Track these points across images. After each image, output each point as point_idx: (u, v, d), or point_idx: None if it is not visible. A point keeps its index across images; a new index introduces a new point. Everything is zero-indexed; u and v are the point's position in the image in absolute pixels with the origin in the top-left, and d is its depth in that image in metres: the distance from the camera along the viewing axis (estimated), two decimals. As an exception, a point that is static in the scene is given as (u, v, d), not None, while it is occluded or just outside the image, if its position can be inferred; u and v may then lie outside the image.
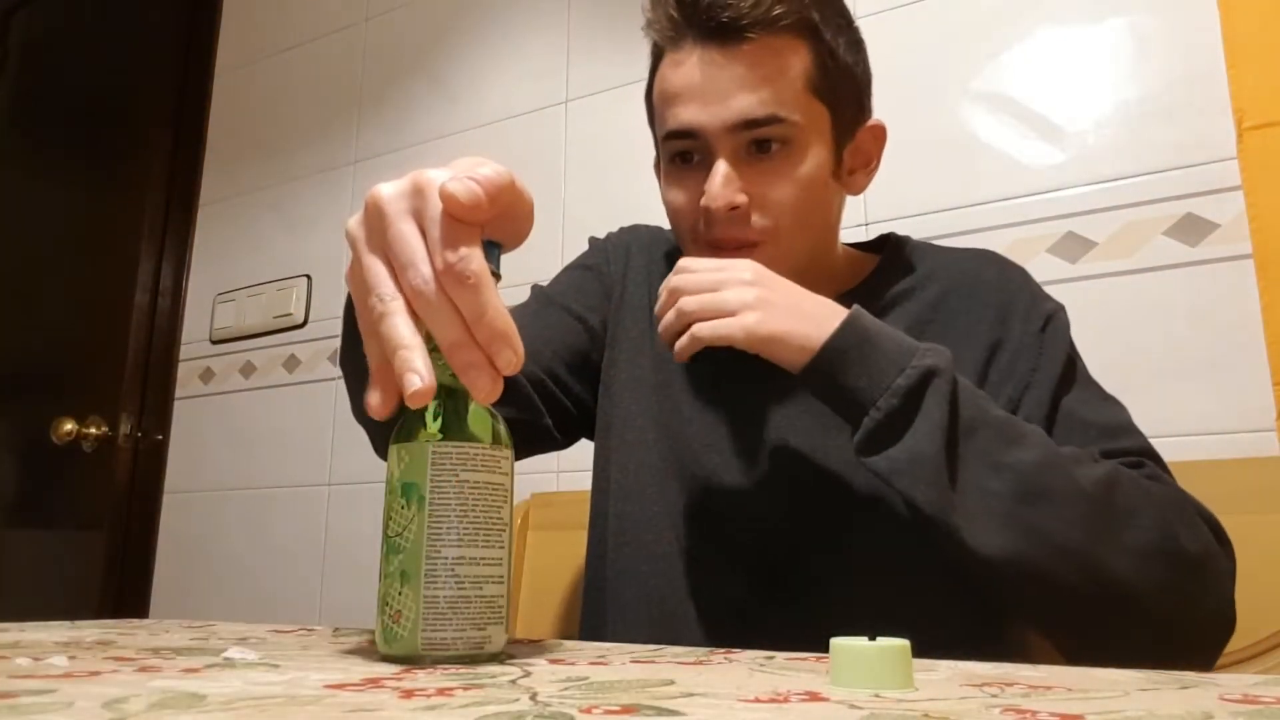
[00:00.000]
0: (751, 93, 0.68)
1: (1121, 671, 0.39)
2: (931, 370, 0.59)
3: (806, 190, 0.71)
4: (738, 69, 0.68)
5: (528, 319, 0.79)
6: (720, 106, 0.68)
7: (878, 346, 0.60)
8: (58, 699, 0.29)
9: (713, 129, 0.69)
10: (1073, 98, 1.16)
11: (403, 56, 1.81)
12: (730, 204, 0.69)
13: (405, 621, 0.41)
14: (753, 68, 0.68)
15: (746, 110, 0.68)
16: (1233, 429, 1.00)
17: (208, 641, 0.50)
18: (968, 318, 0.74)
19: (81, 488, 1.93)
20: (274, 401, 1.79)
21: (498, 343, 0.39)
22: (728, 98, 0.68)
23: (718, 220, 0.70)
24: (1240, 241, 1.02)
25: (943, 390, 0.59)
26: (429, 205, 0.40)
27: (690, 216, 0.72)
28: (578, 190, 1.54)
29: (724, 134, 0.69)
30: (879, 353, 0.60)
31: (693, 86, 0.69)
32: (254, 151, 1.97)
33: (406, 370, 0.38)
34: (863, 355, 0.60)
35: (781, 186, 0.70)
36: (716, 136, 0.69)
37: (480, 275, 0.39)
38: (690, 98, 0.69)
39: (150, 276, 1.97)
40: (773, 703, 0.30)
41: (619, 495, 0.77)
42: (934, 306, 0.75)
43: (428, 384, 0.38)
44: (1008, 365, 0.71)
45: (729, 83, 0.68)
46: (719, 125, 0.68)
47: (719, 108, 0.68)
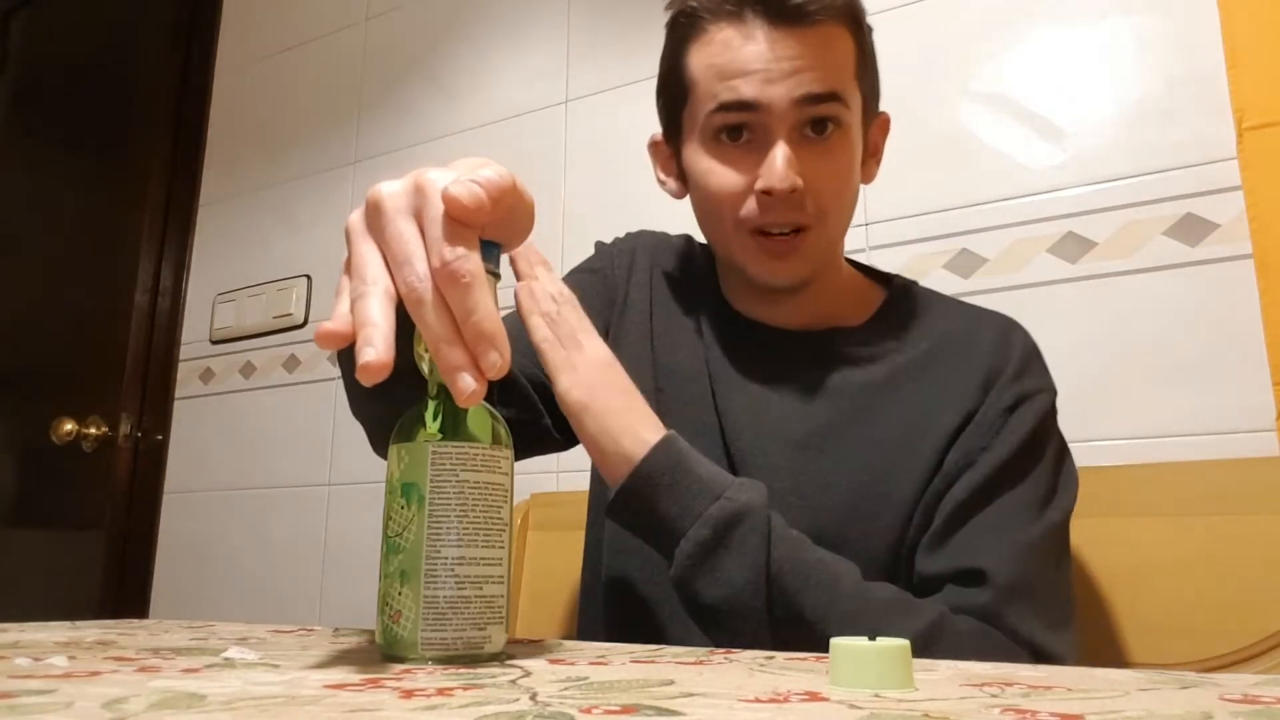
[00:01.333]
0: (814, 72, 0.69)
1: (1121, 671, 0.39)
2: (745, 507, 0.60)
3: (851, 175, 0.73)
4: (805, 48, 0.69)
5: None
6: (788, 81, 0.69)
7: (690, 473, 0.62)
8: (58, 699, 0.29)
9: (779, 105, 0.69)
10: (1073, 98, 1.16)
11: (403, 56, 1.81)
12: (793, 187, 0.68)
13: (405, 621, 0.41)
14: (817, 48, 0.69)
15: (811, 85, 0.69)
16: (1233, 429, 0.99)
17: (208, 641, 0.50)
18: (953, 379, 0.72)
19: (81, 488, 1.93)
20: (274, 401, 1.79)
21: (484, 344, 0.39)
22: (794, 74, 0.69)
23: (776, 204, 0.70)
24: (1240, 241, 1.02)
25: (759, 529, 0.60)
26: (429, 205, 0.40)
27: (739, 199, 0.71)
28: (578, 190, 1.54)
29: (788, 110, 0.69)
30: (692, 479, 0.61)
31: (755, 62, 0.69)
32: (254, 151, 1.97)
33: (365, 345, 0.38)
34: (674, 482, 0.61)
35: (833, 171, 0.71)
36: (780, 113, 0.69)
37: (475, 275, 0.39)
38: (752, 72, 0.69)
39: (150, 276, 1.97)
40: (773, 703, 0.30)
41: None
42: (921, 364, 0.74)
43: (382, 359, 0.38)
44: (967, 437, 0.69)
45: (796, 61, 0.69)
46: (785, 100, 0.69)
47: (784, 83, 0.69)
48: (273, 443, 1.78)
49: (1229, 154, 1.04)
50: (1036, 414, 0.70)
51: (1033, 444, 0.69)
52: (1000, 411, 0.69)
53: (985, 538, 0.65)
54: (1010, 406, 0.69)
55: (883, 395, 0.73)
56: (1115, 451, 1.03)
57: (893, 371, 0.73)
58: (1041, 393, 0.71)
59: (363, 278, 0.40)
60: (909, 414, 0.71)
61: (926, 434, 0.70)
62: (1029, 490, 0.67)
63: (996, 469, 0.67)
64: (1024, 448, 0.68)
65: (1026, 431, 0.68)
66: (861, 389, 0.73)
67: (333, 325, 0.40)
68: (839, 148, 0.71)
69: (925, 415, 0.71)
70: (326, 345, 0.40)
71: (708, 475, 0.61)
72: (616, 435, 0.62)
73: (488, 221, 0.41)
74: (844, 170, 0.72)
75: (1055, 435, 0.72)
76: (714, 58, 0.71)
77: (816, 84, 0.69)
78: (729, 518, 0.59)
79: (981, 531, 0.66)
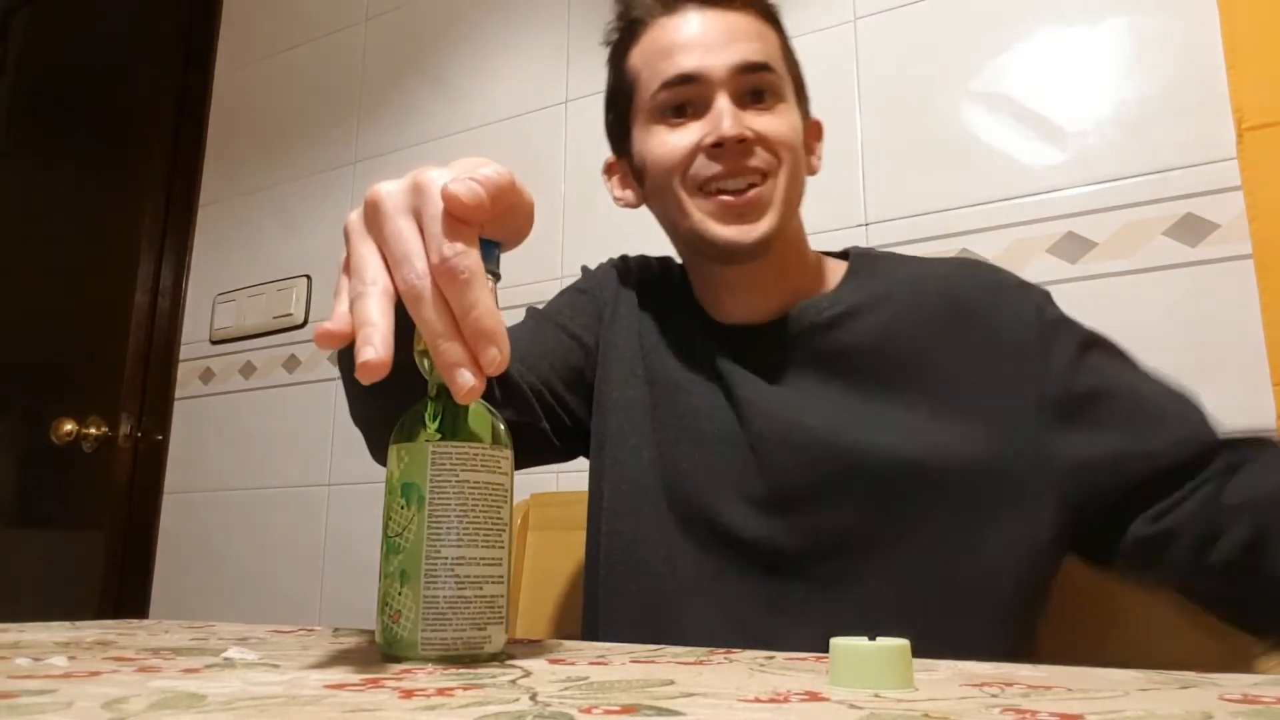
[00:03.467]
0: (749, 41, 0.74)
1: (1121, 671, 0.39)
2: None
3: (796, 136, 0.75)
4: (736, 22, 0.74)
5: (525, 336, 0.79)
6: (723, 51, 0.73)
7: None
8: (58, 699, 0.29)
9: (717, 72, 0.72)
10: (1073, 98, 1.16)
11: (403, 56, 1.81)
12: (739, 135, 0.71)
13: (405, 621, 0.41)
14: (747, 27, 0.75)
15: (748, 54, 0.73)
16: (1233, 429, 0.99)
17: (208, 641, 0.50)
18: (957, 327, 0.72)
19: (81, 488, 1.93)
20: (274, 401, 1.79)
21: (483, 340, 0.39)
22: (730, 44, 0.73)
23: (727, 153, 0.71)
24: (1240, 241, 1.02)
25: None
26: (428, 203, 0.40)
27: (688, 158, 0.73)
28: (578, 190, 1.54)
29: (728, 76, 0.72)
30: None
31: (695, 36, 0.74)
32: (254, 151, 1.97)
33: (364, 344, 0.38)
34: None
35: (779, 126, 0.73)
36: (720, 80, 0.72)
37: (474, 272, 0.39)
38: (692, 46, 0.73)
39: (150, 276, 1.97)
40: (773, 703, 0.30)
41: (611, 514, 0.77)
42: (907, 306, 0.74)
43: (381, 358, 0.38)
44: (1077, 427, 0.69)
45: (729, 33, 0.74)
46: (724, 67, 0.72)
47: (722, 52, 0.73)
48: (273, 443, 1.78)
49: (1229, 154, 1.04)
50: (1078, 335, 0.72)
51: (1100, 344, 0.72)
52: (1074, 380, 0.69)
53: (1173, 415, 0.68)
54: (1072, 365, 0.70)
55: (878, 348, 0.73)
56: (1115, 451, 1.03)
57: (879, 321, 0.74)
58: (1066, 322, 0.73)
59: (362, 277, 0.40)
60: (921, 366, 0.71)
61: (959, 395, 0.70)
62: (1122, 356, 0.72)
63: (1129, 391, 0.69)
64: (1087, 343, 0.71)
65: (1082, 332, 0.72)
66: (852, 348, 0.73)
67: (332, 325, 0.40)
68: (778, 113, 0.74)
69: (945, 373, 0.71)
70: (326, 345, 0.40)
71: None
72: None
73: (487, 219, 0.41)
74: (791, 128, 0.74)
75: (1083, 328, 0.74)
76: (653, 44, 0.76)
77: (753, 53, 0.73)
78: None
79: (1167, 416, 0.68)
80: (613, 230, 0.93)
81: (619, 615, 0.75)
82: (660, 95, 0.74)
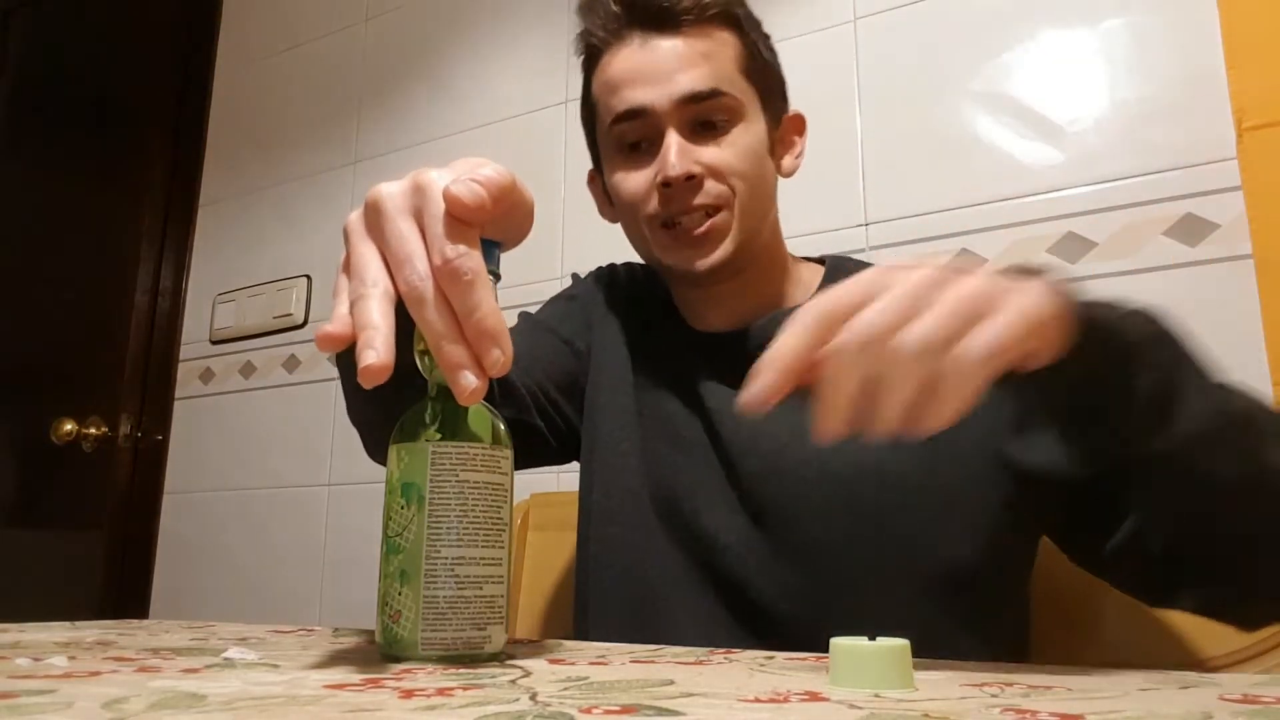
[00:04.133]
0: (693, 69, 0.72)
1: (1121, 671, 0.39)
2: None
3: (754, 158, 0.74)
4: (678, 50, 0.72)
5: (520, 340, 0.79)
6: (666, 84, 0.72)
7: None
8: (58, 699, 0.29)
9: (661, 105, 0.72)
10: (1073, 98, 1.16)
11: (403, 56, 1.80)
12: (687, 172, 0.70)
13: (405, 621, 0.41)
14: (691, 48, 0.73)
15: (691, 85, 0.71)
16: (1233, 429, 0.99)
17: (208, 641, 0.50)
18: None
19: (81, 488, 1.93)
20: (274, 402, 1.79)
21: (486, 341, 0.39)
22: (672, 75, 0.72)
23: (676, 193, 0.71)
24: (1240, 241, 1.02)
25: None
26: (430, 204, 0.40)
27: (645, 198, 0.74)
28: (577, 190, 1.53)
29: (672, 110, 0.72)
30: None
31: (637, 69, 0.73)
32: (254, 151, 1.97)
33: (366, 348, 0.38)
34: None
35: (730, 155, 0.73)
36: (665, 113, 0.72)
37: (476, 273, 0.39)
38: (636, 80, 0.73)
39: (150, 276, 1.97)
40: (772, 703, 0.30)
41: (600, 519, 0.78)
42: None
43: (383, 361, 0.38)
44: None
45: (671, 62, 0.72)
46: (667, 101, 0.71)
47: (665, 85, 0.72)
48: (273, 443, 1.78)
49: (1229, 154, 1.03)
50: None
51: None
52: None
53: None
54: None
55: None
56: (1115, 451, 1.03)
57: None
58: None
59: (362, 279, 0.40)
60: None
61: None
62: None
63: None
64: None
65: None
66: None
67: (332, 328, 0.40)
68: (732, 137, 0.73)
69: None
70: (327, 348, 0.40)
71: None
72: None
73: (488, 220, 0.41)
74: (744, 154, 0.73)
75: None
76: (605, 75, 0.76)
77: (696, 82, 0.72)
78: (1163, 326, 0.52)
79: None
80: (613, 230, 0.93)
81: (607, 617, 0.76)
82: (614, 130, 0.75)
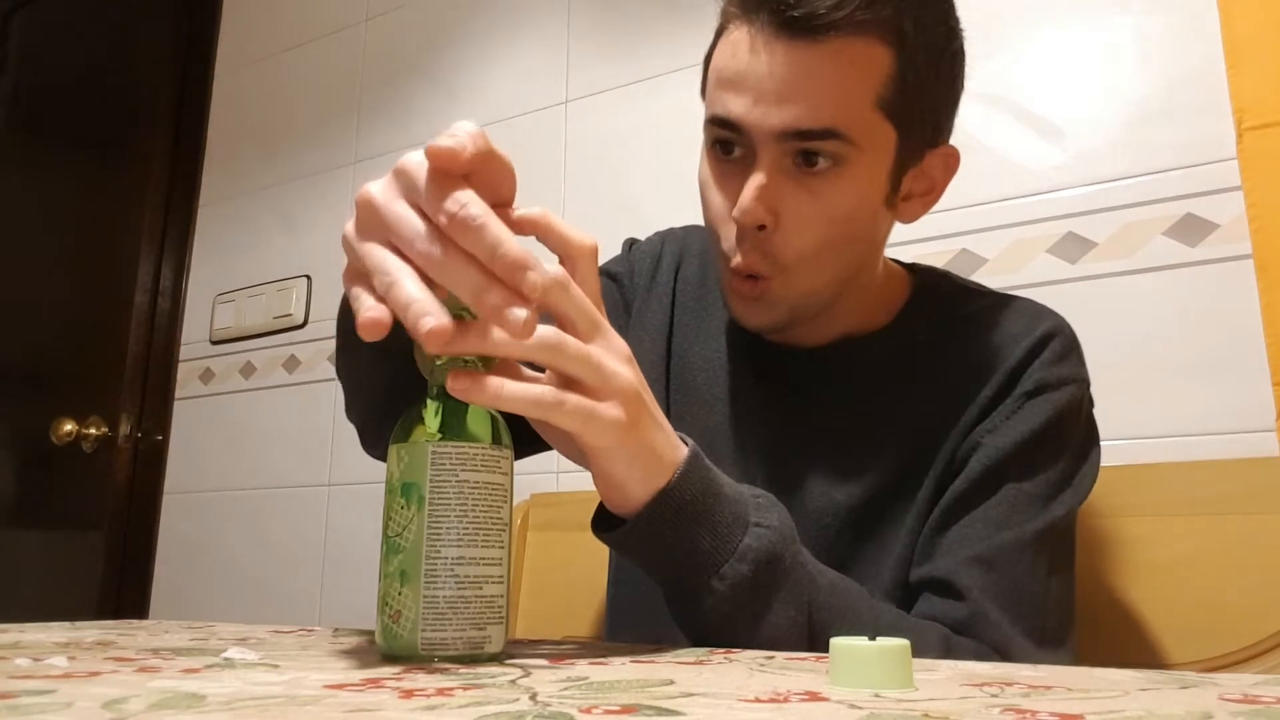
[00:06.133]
0: (809, 100, 0.60)
1: (1121, 671, 0.39)
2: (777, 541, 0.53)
3: (844, 222, 0.64)
4: (801, 71, 0.60)
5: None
6: (772, 108, 0.61)
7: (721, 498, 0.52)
8: (58, 699, 0.29)
9: (759, 131, 0.61)
10: (1073, 98, 1.16)
11: (403, 56, 1.81)
12: (757, 223, 0.62)
13: (405, 621, 0.41)
14: (818, 73, 0.60)
15: (799, 119, 0.60)
16: (1233, 429, 0.99)
17: (208, 642, 0.50)
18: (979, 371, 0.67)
19: (81, 488, 1.93)
20: (274, 402, 1.79)
21: (517, 272, 0.39)
22: (783, 100, 0.60)
23: (745, 237, 0.64)
24: (1240, 241, 1.02)
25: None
26: (415, 179, 0.41)
27: (724, 220, 0.66)
28: (578, 190, 1.54)
29: (769, 139, 0.61)
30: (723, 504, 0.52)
31: (748, 77, 0.61)
32: (254, 151, 1.97)
33: (422, 316, 0.38)
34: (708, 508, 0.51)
35: (816, 213, 0.63)
36: (761, 139, 0.62)
37: (483, 216, 0.39)
38: (743, 88, 0.62)
39: (150, 277, 1.97)
40: (773, 703, 0.30)
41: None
42: (947, 360, 0.69)
43: (445, 324, 0.38)
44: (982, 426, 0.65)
45: (787, 84, 0.60)
46: (766, 129, 0.61)
47: (771, 109, 0.61)
48: (273, 443, 1.78)
49: (1229, 154, 1.03)
50: (1056, 405, 0.64)
51: (1048, 435, 0.63)
52: (1019, 397, 0.64)
53: (973, 540, 0.61)
54: (1030, 392, 0.64)
55: (903, 399, 0.68)
56: (1115, 452, 1.03)
57: (914, 374, 0.69)
58: (1069, 384, 0.65)
59: (384, 270, 0.40)
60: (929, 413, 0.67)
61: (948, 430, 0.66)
62: (1035, 485, 0.62)
63: (1001, 457, 0.63)
64: (1037, 437, 0.63)
65: (1043, 421, 0.63)
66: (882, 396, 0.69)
67: (374, 313, 0.39)
68: (831, 186, 0.62)
69: (948, 410, 0.66)
70: (373, 334, 0.39)
71: (732, 493, 0.52)
72: (656, 448, 0.49)
73: (471, 167, 0.41)
74: (831, 214, 0.63)
75: (1079, 430, 0.66)
76: (720, 61, 0.65)
77: (804, 119, 0.60)
78: (770, 551, 0.51)
79: (974, 530, 0.62)
80: (612, 231, 0.93)
81: (625, 605, 0.76)
82: (710, 128, 0.66)
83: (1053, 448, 0.64)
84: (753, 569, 0.51)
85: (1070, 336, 0.69)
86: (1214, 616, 0.81)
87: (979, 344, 0.68)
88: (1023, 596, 0.60)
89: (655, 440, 0.49)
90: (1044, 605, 0.61)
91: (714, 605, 0.51)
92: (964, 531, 0.62)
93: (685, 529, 0.50)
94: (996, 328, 0.69)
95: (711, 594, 0.51)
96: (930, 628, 0.59)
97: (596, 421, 0.46)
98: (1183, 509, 0.86)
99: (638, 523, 0.50)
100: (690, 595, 0.52)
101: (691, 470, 0.50)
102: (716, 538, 0.51)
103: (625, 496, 0.50)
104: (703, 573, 0.51)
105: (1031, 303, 0.72)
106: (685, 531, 0.50)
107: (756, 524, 0.52)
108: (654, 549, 0.51)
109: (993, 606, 0.59)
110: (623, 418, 0.47)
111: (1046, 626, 0.60)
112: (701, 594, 0.51)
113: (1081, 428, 0.67)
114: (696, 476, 0.51)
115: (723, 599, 0.51)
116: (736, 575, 0.50)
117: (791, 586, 0.53)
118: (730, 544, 0.51)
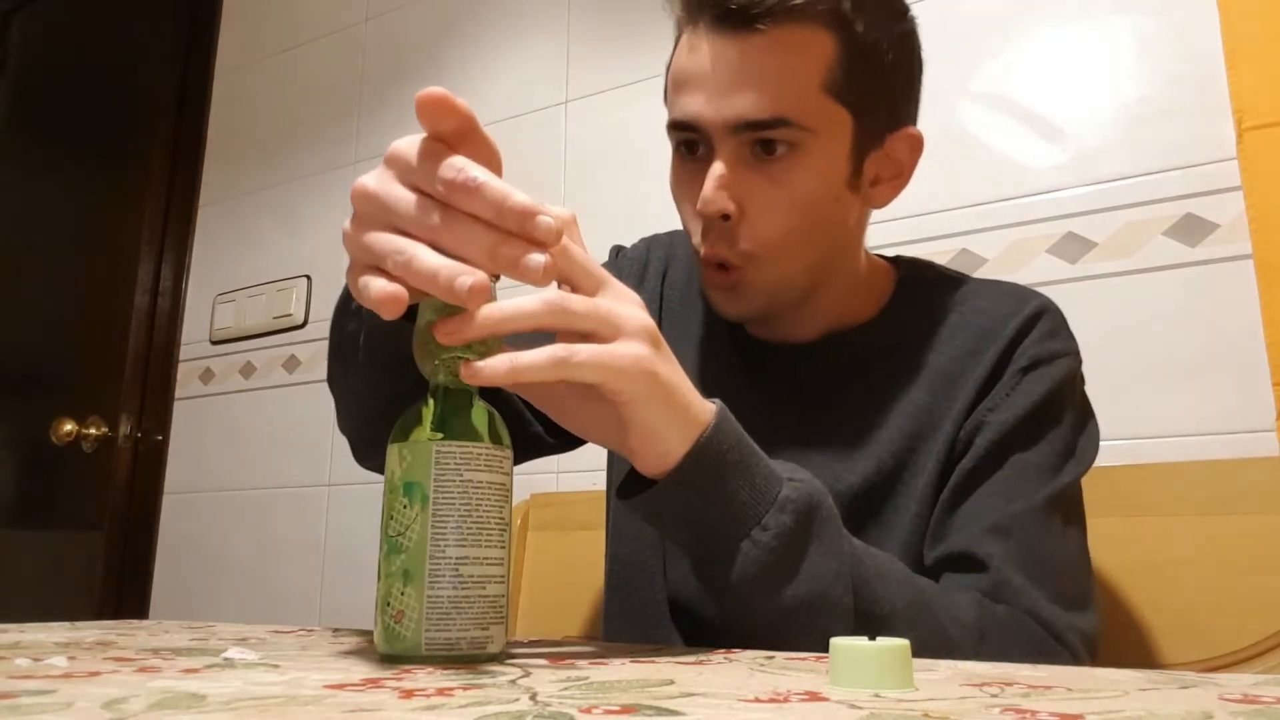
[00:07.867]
0: (755, 91, 0.61)
1: (1121, 671, 0.39)
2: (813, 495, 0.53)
3: (808, 207, 0.64)
4: (745, 62, 0.61)
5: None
6: (722, 102, 0.62)
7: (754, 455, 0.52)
8: (58, 699, 0.29)
9: (713, 125, 0.63)
10: (1073, 98, 1.16)
11: (403, 56, 1.81)
12: (720, 211, 0.63)
13: (408, 621, 0.41)
14: (761, 63, 0.61)
15: (749, 110, 0.61)
16: (1233, 429, 0.99)
17: (208, 642, 0.50)
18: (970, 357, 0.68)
19: (81, 488, 1.93)
20: (274, 402, 1.79)
21: (529, 221, 0.39)
22: (731, 93, 0.62)
23: (711, 229, 0.65)
24: (1240, 241, 1.02)
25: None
26: (409, 160, 0.41)
27: (694, 217, 0.67)
28: (577, 190, 1.54)
29: (724, 132, 0.63)
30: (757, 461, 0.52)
31: (697, 76, 0.63)
32: (254, 151, 1.97)
33: (456, 277, 0.39)
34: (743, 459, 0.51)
35: (779, 199, 0.64)
36: (716, 133, 0.63)
37: (483, 176, 0.40)
38: (695, 88, 0.63)
39: (150, 277, 1.97)
40: (773, 702, 0.30)
41: (615, 537, 0.77)
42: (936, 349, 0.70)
43: (481, 280, 0.38)
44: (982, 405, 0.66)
45: (733, 77, 0.61)
46: (719, 122, 0.62)
47: (721, 103, 0.62)
48: (273, 443, 1.78)
49: (1229, 154, 1.04)
50: (1053, 377, 0.66)
51: (1048, 406, 0.65)
52: (1015, 373, 0.66)
53: (987, 512, 0.62)
54: (1026, 368, 0.66)
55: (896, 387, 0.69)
56: (1115, 452, 1.03)
57: (906, 362, 0.70)
58: (1062, 357, 0.67)
59: (398, 250, 0.40)
60: (924, 399, 0.68)
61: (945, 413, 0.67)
62: (1041, 455, 0.64)
63: (1005, 432, 0.64)
64: (1037, 410, 0.64)
65: (1042, 394, 0.65)
66: (874, 386, 0.70)
67: (391, 289, 0.40)
68: (790, 172, 0.63)
69: (943, 395, 0.67)
70: (392, 311, 0.40)
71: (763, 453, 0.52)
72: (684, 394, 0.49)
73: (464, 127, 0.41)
74: (794, 199, 0.63)
75: (1076, 401, 0.68)
76: (674, 67, 0.67)
77: (753, 109, 0.61)
78: (808, 501, 0.51)
79: (986, 504, 0.63)
80: (612, 232, 0.93)
81: (618, 610, 0.76)
82: (671, 132, 0.67)
83: (1054, 418, 0.65)
84: (794, 519, 0.50)
85: (1057, 312, 0.70)
86: (1214, 616, 0.81)
87: (969, 327, 0.70)
88: (1043, 561, 0.61)
89: (682, 384, 0.49)
90: (1064, 568, 0.62)
91: (757, 557, 0.50)
92: (977, 506, 0.63)
93: (726, 480, 0.50)
94: (985, 310, 0.70)
95: (755, 545, 0.50)
96: (963, 592, 0.60)
97: (617, 363, 0.45)
98: (1183, 509, 0.86)
99: (681, 473, 0.49)
100: (727, 553, 0.50)
101: (724, 420, 0.50)
102: (754, 490, 0.50)
103: (664, 449, 0.48)
104: (744, 524, 0.50)
105: (1015, 285, 0.74)
106: (725, 483, 0.50)
107: (790, 478, 0.52)
108: (692, 503, 0.50)
109: (1015, 573, 0.60)
110: (645, 352, 0.46)
111: (1068, 590, 0.61)
112: (739, 549, 0.50)
113: (1078, 398, 0.69)
114: (729, 427, 0.51)
115: (766, 549, 0.50)
116: (779, 525, 0.50)
117: (832, 536, 0.53)
118: (769, 495, 0.50)
